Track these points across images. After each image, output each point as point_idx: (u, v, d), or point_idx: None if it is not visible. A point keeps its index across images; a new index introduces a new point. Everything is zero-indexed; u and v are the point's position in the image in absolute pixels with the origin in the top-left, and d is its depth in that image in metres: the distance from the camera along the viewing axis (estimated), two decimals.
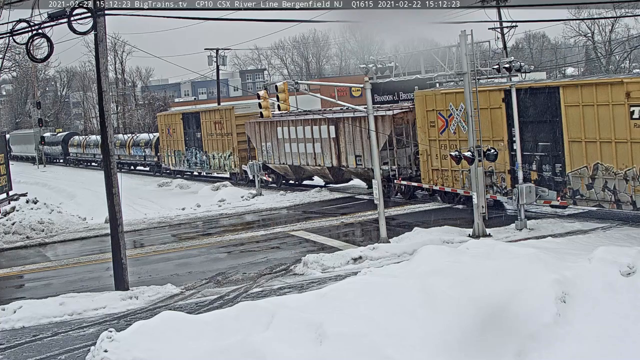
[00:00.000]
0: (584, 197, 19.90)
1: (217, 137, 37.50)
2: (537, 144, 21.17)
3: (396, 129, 26.32)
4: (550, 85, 20.45)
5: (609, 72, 51.86)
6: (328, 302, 10.52)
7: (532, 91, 21.00)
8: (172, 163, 42.50)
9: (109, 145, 16.41)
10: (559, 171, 20.56)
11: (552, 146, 20.70)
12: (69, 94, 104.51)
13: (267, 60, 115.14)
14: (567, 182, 20.29)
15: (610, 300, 10.22)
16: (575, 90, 19.86)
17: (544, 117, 20.75)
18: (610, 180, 19.15)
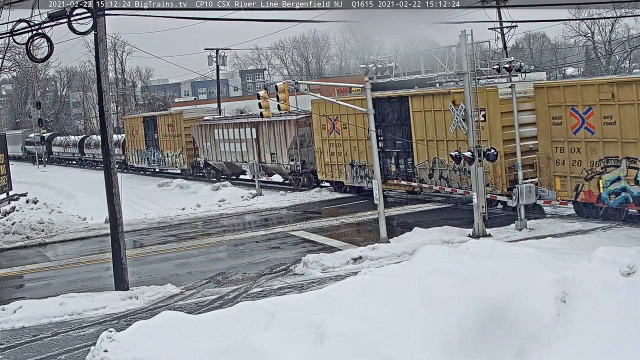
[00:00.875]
0: (427, 185, 25.07)
1: (170, 138, 43.03)
2: (395, 142, 26.05)
3: (300, 131, 31.65)
4: (402, 95, 24.31)
5: (608, 72, 51.87)
6: (328, 302, 10.52)
7: (390, 100, 25.47)
8: (135, 161, 48.21)
9: (109, 145, 16.41)
10: (410, 164, 25.72)
11: (405, 144, 25.65)
12: (69, 94, 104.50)
13: (267, 60, 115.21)
14: (416, 172, 25.43)
15: (610, 300, 10.22)
16: (419, 99, 24.24)
17: (399, 121, 25.61)
18: (444, 171, 24.30)
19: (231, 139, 36.60)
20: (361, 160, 27.90)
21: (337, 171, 29.55)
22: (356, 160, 28.24)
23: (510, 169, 21.51)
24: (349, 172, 28.73)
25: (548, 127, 20.75)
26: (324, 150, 29.87)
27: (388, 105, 25.85)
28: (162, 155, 43.98)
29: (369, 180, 26.94)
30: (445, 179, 24.25)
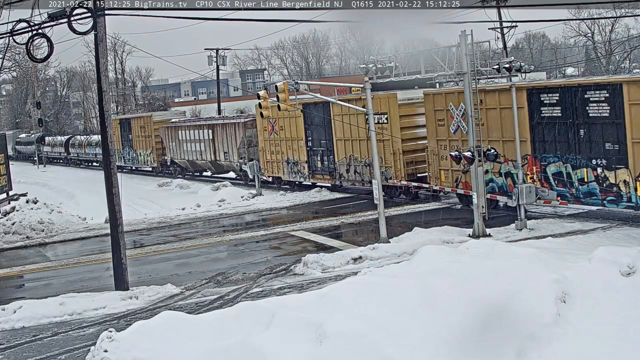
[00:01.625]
0: (345, 179, 29.11)
1: (142, 138, 47.03)
2: (320, 142, 30.18)
3: (247, 133, 35.42)
4: (325, 101, 26.21)
5: (608, 72, 51.86)
6: (328, 302, 10.52)
7: (316, 105, 29.37)
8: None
9: (109, 145, 16.41)
10: (332, 161, 29.70)
11: (328, 144, 29.73)
12: (69, 94, 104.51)
13: (267, 60, 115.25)
14: (336, 168, 29.39)
15: (610, 300, 10.22)
16: (338, 105, 26.64)
17: (323, 124, 29.63)
18: (357, 166, 28.26)
19: (192, 140, 40.40)
20: (295, 157, 31.95)
21: (276, 168, 33.32)
22: (291, 158, 32.28)
23: (409, 163, 25.87)
24: (285, 168, 32.76)
25: (434, 128, 24.48)
26: (266, 149, 33.74)
27: (315, 110, 29.81)
28: (136, 154, 48.24)
29: (301, 175, 31.92)
30: (358, 173, 28.34)
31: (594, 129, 19.77)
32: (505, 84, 20.73)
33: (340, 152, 29.10)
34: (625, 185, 19.04)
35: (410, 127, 25.87)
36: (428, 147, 24.76)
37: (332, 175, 29.85)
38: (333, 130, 29.22)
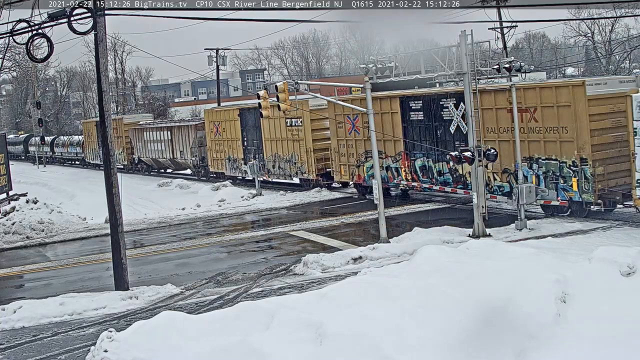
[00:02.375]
0: (272, 173, 33.68)
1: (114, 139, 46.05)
2: (253, 142, 34.85)
3: (198, 134, 40.43)
4: (252, 107, 32.49)
5: (608, 72, 51.86)
6: (328, 302, 10.51)
7: (249, 110, 34.52)
8: (91, 158, 56.84)
9: (109, 145, 16.41)
10: (261, 158, 33.97)
11: (259, 143, 34.26)
12: (69, 94, 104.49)
13: (267, 60, 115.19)
14: (265, 164, 33.74)
15: (610, 300, 10.21)
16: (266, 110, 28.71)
17: (256, 126, 34.13)
18: (280, 162, 32.77)
19: (155, 140, 45.30)
20: (234, 155, 36.64)
21: (220, 164, 37.99)
22: (231, 156, 36.85)
23: (319, 160, 30.83)
24: (227, 165, 37.40)
25: (335, 130, 29.26)
26: (212, 148, 38.57)
27: (249, 115, 34.69)
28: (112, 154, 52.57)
29: (240, 170, 36.53)
30: (282, 168, 33.01)
31: (447, 129, 24.02)
32: (387, 93, 24.25)
33: (268, 151, 33.85)
34: (469, 175, 21.93)
35: (320, 130, 30.82)
36: (331, 146, 29.72)
37: (269, 172, 34.49)
38: (262, 132, 33.87)
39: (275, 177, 33.77)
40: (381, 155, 26.09)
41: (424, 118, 24.89)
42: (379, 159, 24.74)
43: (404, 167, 26.03)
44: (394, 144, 26.17)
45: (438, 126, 24.31)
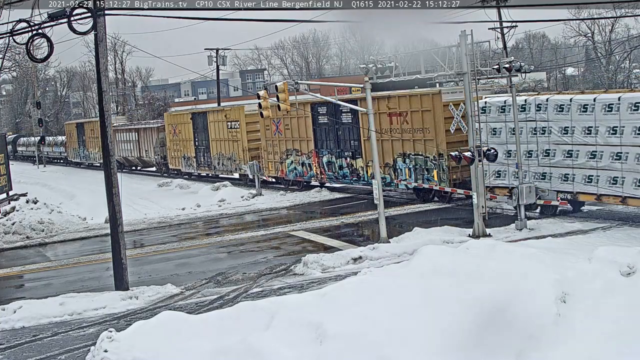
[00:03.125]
0: (217, 169, 38.49)
1: (92, 139, 56.20)
2: (202, 142, 39.54)
3: (160, 135, 44.91)
4: (204, 111, 40.04)
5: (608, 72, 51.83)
6: (328, 302, 10.51)
7: (200, 114, 40.15)
8: (72, 157, 62.42)
9: (109, 145, 16.41)
10: (209, 156, 38.95)
11: (207, 143, 38.98)
12: (69, 94, 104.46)
13: (267, 60, 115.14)
14: (212, 162, 38.74)
15: (610, 300, 10.21)
16: (212, 114, 38.80)
17: (204, 128, 39.29)
18: (226, 160, 37.38)
19: (125, 140, 49.99)
20: (188, 154, 41.41)
21: (178, 162, 42.77)
22: (186, 154, 41.53)
23: (253, 157, 34.69)
24: (183, 162, 42.05)
25: (264, 132, 33.77)
26: (171, 148, 43.36)
27: (199, 118, 39.98)
28: (88, 152, 58.11)
29: (192, 167, 41.25)
30: (224, 165, 37.74)
31: (345, 131, 28.96)
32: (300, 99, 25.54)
33: (214, 150, 38.58)
34: (362, 169, 28.23)
35: (254, 132, 35.25)
36: (261, 146, 34.24)
37: (209, 167, 39.29)
38: (209, 134, 38.74)
39: (220, 173, 38.82)
40: (298, 153, 31.71)
41: (328, 121, 29.60)
42: (297, 157, 31.86)
43: (314, 162, 30.83)
44: (307, 143, 31.06)
45: (339, 128, 29.22)
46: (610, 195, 19.51)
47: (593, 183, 19.72)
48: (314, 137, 30.55)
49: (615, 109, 19.04)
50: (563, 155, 20.51)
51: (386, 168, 26.40)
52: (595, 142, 19.58)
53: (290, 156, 31.99)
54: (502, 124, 22.16)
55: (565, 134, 20.37)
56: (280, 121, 32.05)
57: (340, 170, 29.32)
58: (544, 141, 21.11)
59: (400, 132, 25.75)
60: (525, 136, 21.26)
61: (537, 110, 21.14)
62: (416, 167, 25.43)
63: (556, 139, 20.80)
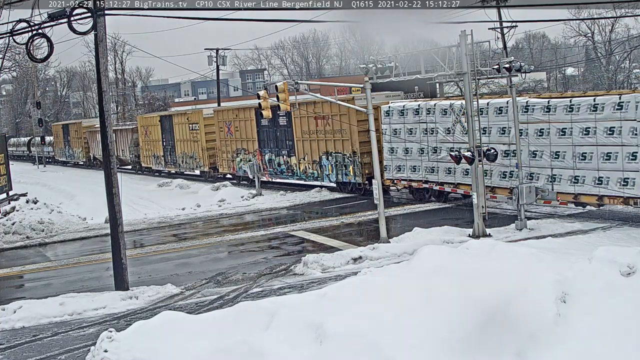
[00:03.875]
0: (181, 166, 42.79)
1: (76, 140, 61.86)
2: (169, 142, 43.71)
3: (134, 136, 49.39)
4: (168, 114, 43.66)
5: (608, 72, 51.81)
6: (328, 302, 10.51)
7: (167, 117, 44.65)
8: (59, 156, 67.49)
9: (109, 145, 16.41)
10: (174, 155, 43.16)
11: (173, 143, 43.22)
12: (69, 94, 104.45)
13: (267, 60, 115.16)
14: (177, 160, 42.89)
15: (610, 300, 10.20)
16: (177, 117, 43.19)
17: (170, 129, 43.33)
18: (188, 158, 41.46)
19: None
20: (157, 153, 45.53)
21: (149, 160, 47.22)
22: (156, 153, 45.74)
23: (210, 156, 39.27)
24: (153, 161, 46.52)
25: (219, 133, 38.05)
26: (143, 147, 47.82)
27: (166, 120, 44.19)
28: (72, 151, 62.81)
29: (161, 165, 45.70)
30: (187, 163, 41.74)
31: (282, 133, 32.78)
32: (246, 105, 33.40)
33: (178, 149, 42.68)
34: (295, 166, 32.16)
35: (211, 133, 38.81)
36: (216, 146, 38.25)
37: (175, 165, 43.59)
38: (174, 135, 42.64)
39: (184, 170, 43.10)
40: (245, 152, 35.78)
41: (269, 124, 33.02)
42: (244, 155, 35.74)
43: (261, 160, 34.40)
44: (252, 143, 35.10)
45: (277, 130, 33.15)
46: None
47: (469, 176, 21.78)
48: (257, 138, 34.64)
49: (487, 112, 22.53)
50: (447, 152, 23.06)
51: (314, 164, 30.91)
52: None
53: (240, 154, 36.38)
54: (402, 125, 25.87)
55: (448, 134, 24.11)
56: (232, 124, 36.50)
57: (278, 167, 33.44)
58: (432, 139, 24.70)
59: (323, 133, 29.95)
60: (418, 136, 25.19)
61: (427, 113, 24.75)
62: (337, 164, 29.54)
63: (442, 138, 24.30)
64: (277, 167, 33.41)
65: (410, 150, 25.54)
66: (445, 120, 24.03)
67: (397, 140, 25.99)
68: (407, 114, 25.40)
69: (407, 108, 25.39)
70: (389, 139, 26.18)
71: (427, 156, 24.98)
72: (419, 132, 25.06)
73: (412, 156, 25.61)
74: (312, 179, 31.04)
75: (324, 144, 29.95)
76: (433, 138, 24.54)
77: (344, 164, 28.93)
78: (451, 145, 23.34)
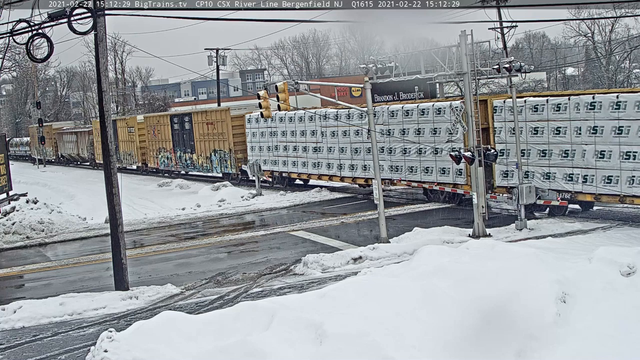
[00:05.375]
0: (125, 163, 48.55)
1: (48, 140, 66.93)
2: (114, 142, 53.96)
3: (90, 137, 56.64)
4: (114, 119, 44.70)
5: (608, 72, 51.78)
6: (328, 302, 10.52)
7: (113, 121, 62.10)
8: (34, 154, 71.82)
9: (109, 145, 16.40)
10: (119, 154, 46.95)
11: (116, 143, 41.93)
12: (69, 94, 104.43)
13: (267, 60, 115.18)
14: (120, 157, 47.44)
15: (610, 300, 10.22)
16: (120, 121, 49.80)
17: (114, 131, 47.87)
18: (127, 155, 48.00)
19: (68, 141, 64.16)
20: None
21: (100, 157, 48.91)
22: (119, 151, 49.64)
23: (142, 154, 47.55)
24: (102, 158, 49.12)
25: (147, 135, 45.55)
26: (97, 147, 52.72)
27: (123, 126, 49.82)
28: (45, 150, 68.65)
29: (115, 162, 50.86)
30: (127, 159, 48.57)
31: (187, 135, 40.93)
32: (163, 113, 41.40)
33: (121, 148, 49.53)
34: (196, 161, 40.39)
35: (143, 135, 46.72)
36: (146, 145, 46.34)
37: (119, 161, 45.43)
38: (118, 136, 48.86)
39: (125, 165, 49.17)
40: (165, 150, 44.07)
41: (179, 128, 41.98)
42: (164, 153, 44.25)
43: (174, 157, 42.97)
44: (169, 143, 43.28)
45: (184, 132, 41.43)
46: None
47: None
48: (172, 139, 43.07)
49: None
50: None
51: (207, 159, 39.26)
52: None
53: (161, 152, 44.74)
54: (257, 129, 34.55)
55: (285, 136, 32.21)
56: (155, 128, 45.03)
57: (185, 162, 41.94)
58: (275, 140, 33.35)
59: (212, 135, 38.48)
60: (267, 137, 33.85)
61: (272, 120, 32.80)
62: (221, 159, 37.90)
63: (281, 139, 32.89)
64: (185, 162, 41.95)
65: (262, 148, 34.34)
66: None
67: (254, 141, 34.88)
68: (261, 121, 33.70)
69: (258, 117, 33.40)
70: (250, 139, 35.34)
71: (272, 152, 33.72)
72: (267, 135, 33.89)
73: (264, 152, 34.17)
74: (207, 170, 39.98)
75: (213, 144, 38.61)
76: (275, 139, 33.37)
77: (225, 158, 37.62)
78: (295, 145, 32.03)
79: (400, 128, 26.09)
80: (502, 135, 22.49)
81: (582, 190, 20.21)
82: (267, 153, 33.68)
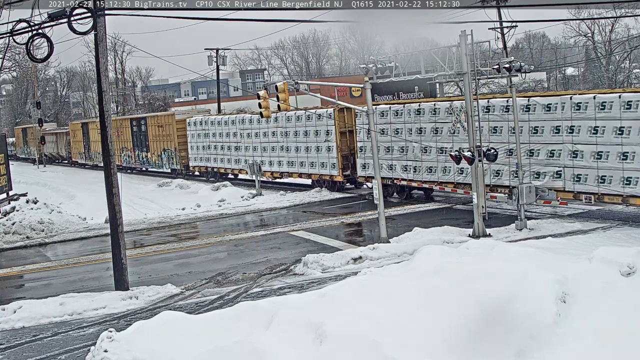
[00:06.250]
0: (95, 161, 53.31)
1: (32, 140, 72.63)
2: (87, 143, 57.26)
3: (67, 137, 63.57)
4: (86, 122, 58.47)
5: (608, 72, 51.78)
6: (328, 302, 10.52)
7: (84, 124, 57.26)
8: (19, 154, 77.89)
9: (109, 145, 16.40)
10: (90, 153, 57.01)
11: (89, 144, 57.11)
12: (69, 94, 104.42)
13: (267, 60, 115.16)
14: (92, 156, 54.54)
15: (610, 300, 10.20)
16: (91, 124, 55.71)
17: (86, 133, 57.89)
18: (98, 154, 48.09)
19: (51, 141, 69.17)
20: (80, 151, 59.22)
21: (77, 157, 60.50)
22: (79, 151, 57.91)
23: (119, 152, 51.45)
24: (78, 156, 59.83)
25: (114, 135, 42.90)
26: (73, 146, 61.14)
27: (85, 126, 57.58)
28: (29, 150, 73.60)
29: (84, 159, 59.17)
30: (97, 157, 50.17)
31: (144, 136, 46.36)
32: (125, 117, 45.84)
33: (92, 148, 55.18)
34: (150, 158, 45.95)
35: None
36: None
37: (91, 159, 56.27)
38: (90, 137, 55.44)
39: (96, 163, 52.93)
40: (127, 149, 49.62)
41: (137, 130, 47.73)
42: (126, 152, 49.79)
43: (133, 155, 48.78)
44: (129, 143, 48.99)
45: (141, 134, 47.20)
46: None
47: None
48: (132, 139, 48.90)
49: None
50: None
51: (158, 157, 45.30)
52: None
53: (124, 151, 50.19)
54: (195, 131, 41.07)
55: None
56: (119, 129, 49.30)
57: (142, 159, 47.86)
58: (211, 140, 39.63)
59: (162, 136, 44.34)
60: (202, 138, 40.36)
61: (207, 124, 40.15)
62: (169, 157, 44.00)
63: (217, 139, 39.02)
64: (142, 160, 47.90)
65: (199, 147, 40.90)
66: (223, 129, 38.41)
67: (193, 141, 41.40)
68: (197, 125, 40.86)
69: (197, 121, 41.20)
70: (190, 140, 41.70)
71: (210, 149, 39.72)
72: (203, 136, 40.30)
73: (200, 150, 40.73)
74: (158, 167, 46.23)
75: (162, 143, 44.67)
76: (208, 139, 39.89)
77: (172, 156, 43.68)
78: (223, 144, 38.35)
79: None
80: (361, 135, 28.39)
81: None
82: (203, 152, 40.52)
